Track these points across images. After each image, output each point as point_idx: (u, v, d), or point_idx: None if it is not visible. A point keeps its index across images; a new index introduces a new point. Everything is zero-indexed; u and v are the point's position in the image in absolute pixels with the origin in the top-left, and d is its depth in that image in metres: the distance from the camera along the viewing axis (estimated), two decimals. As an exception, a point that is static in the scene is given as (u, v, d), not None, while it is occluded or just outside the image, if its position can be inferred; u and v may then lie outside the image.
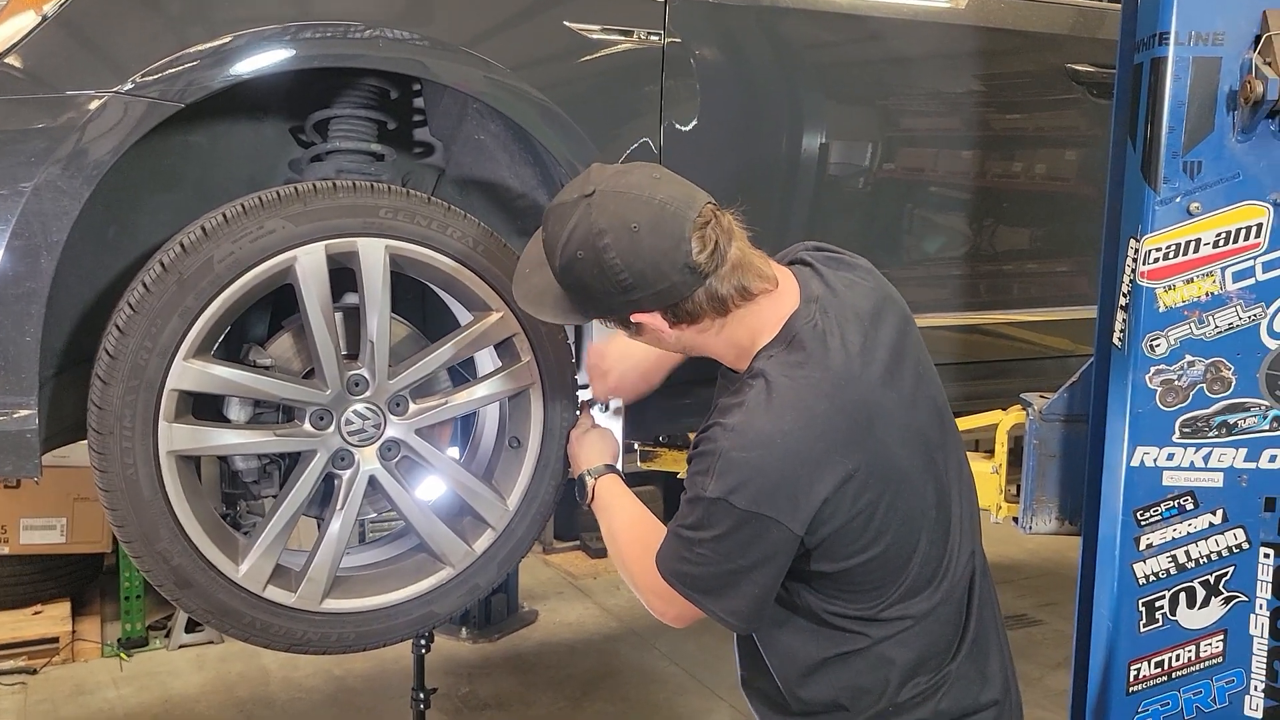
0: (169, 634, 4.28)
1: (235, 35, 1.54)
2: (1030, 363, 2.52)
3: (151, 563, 1.59)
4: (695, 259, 1.32)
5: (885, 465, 1.35)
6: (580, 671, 4.11)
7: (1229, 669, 1.66)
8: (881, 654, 1.45)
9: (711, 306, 1.36)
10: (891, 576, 1.41)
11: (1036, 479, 1.86)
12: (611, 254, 1.31)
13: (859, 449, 1.33)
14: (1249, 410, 1.61)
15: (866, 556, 1.38)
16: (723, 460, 1.32)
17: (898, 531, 1.38)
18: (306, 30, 1.58)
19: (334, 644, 1.73)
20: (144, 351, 1.54)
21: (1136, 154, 1.63)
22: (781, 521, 1.31)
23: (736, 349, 1.42)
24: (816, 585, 1.43)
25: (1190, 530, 1.63)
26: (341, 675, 4.01)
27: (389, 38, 1.65)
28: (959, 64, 2.25)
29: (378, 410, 1.72)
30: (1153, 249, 1.59)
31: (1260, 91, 1.49)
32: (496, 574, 1.84)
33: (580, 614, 4.66)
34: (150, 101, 1.50)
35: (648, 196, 1.33)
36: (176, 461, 1.58)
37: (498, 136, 1.96)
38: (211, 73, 1.53)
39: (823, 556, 1.38)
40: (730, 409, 1.36)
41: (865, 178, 2.18)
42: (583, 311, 1.43)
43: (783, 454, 1.30)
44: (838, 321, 1.38)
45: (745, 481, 1.31)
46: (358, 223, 1.65)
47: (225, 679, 4.01)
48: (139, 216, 1.82)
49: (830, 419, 1.32)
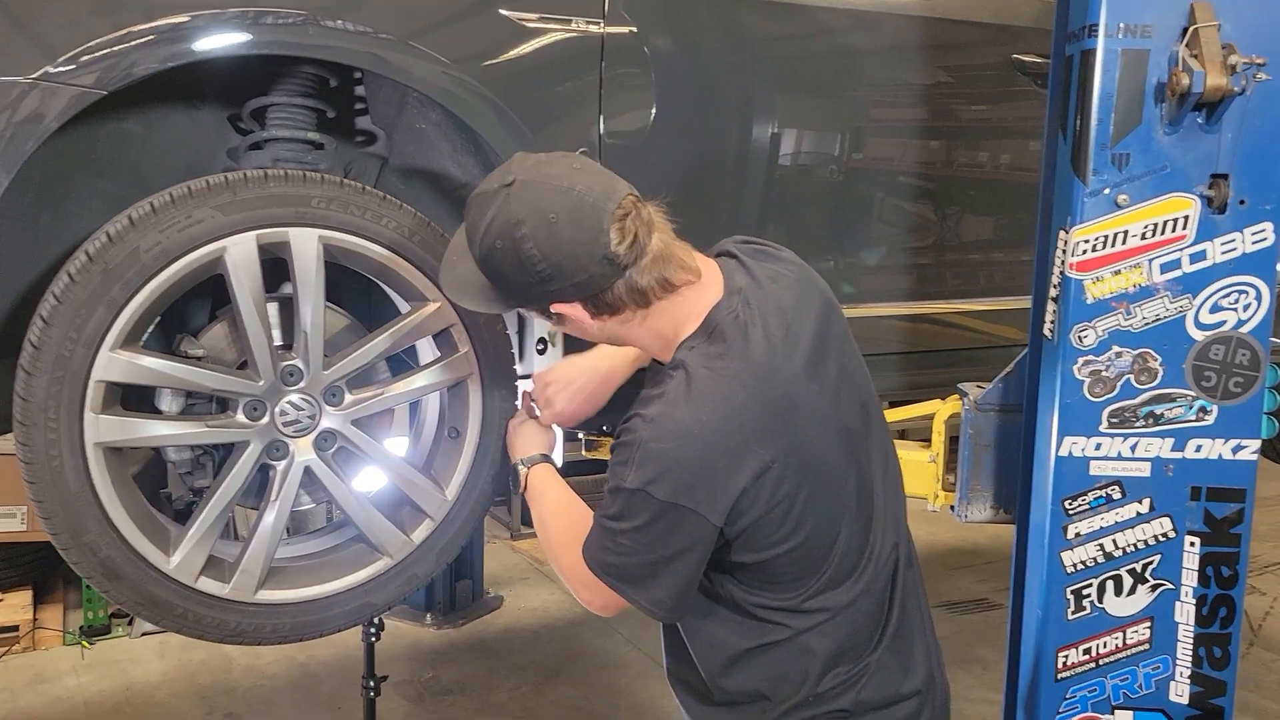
0: (132, 621, 4.26)
1: (163, 20, 1.52)
2: (977, 352, 2.53)
3: (79, 555, 1.58)
4: (614, 250, 1.32)
5: (805, 456, 1.36)
6: (543, 657, 4.12)
7: (1155, 655, 1.68)
8: (803, 644, 1.46)
9: (632, 298, 1.36)
10: (812, 568, 1.42)
11: (972, 468, 1.87)
12: (529, 245, 1.31)
13: (778, 440, 1.33)
14: (1175, 401, 1.62)
15: (787, 547, 1.39)
16: (641, 451, 1.32)
17: (817, 523, 1.39)
18: (241, 17, 1.57)
19: (268, 635, 1.73)
20: (69, 342, 1.52)
21: (1067, 146, 1.63)
22: (700, 512, 1.32)
23: (660, 340, 1.43)
24: (739, 576, 1.44)
25: (1118, 519, 1.65)
26: (305, 662, 4.02)
27: (323, 26, 1.64)
28: (910, 55, 2.25)
29: (313, 401, 1.71)
30: (1081, 240, 1.60)
31: (1187, 84, 1.50)
32: (435, 564, 1.84)
33: (545, 599, 4.68)
34: (70, 88, 1.49)
35: (566, 187, 1.32)
36: (104, 453, 1.57)
37: (439, 125, 1.94)
38: (135, 59, 1.51)
39: (743, 547, 1.39)
40: (650, 400, 1.36)
41: (809, 169, 2.17)
42: (504, 301, 1.43)
43: (701, 445, 1.30)
44: (760, 313, 1.39)
45: (664, 473, 1.31)
46: (289, 212, 1.64)
47: (187, 666, 4.00)
48: (72, 205, 1.80)
49: (749, 410, 1.32)
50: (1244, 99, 1.52)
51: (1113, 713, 1.69)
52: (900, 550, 1.51)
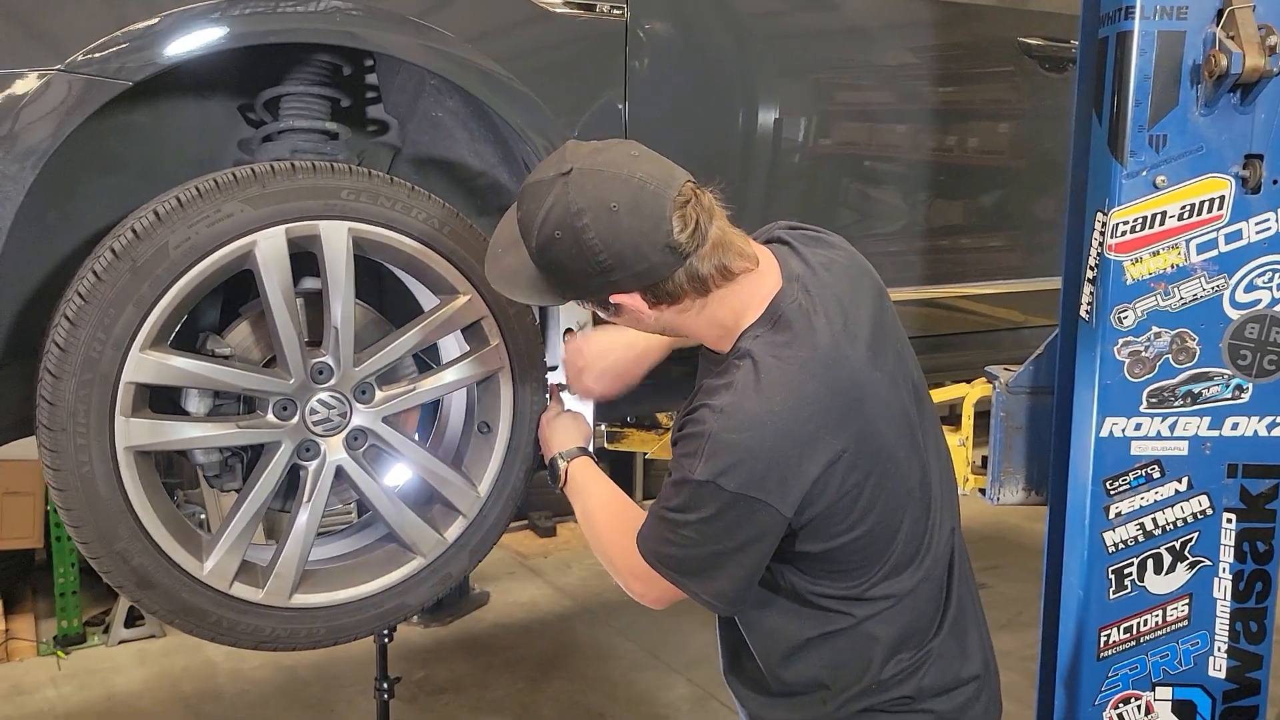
0: (108, 629, 4.16)
1: (189, 9, 1.46)
2: (973, 336, 2.55)
3: (110, 564, 1.53)
4: (676, 239, 1.29)
5: (873, 444, 1.35)
6: (536, 652, 4.09)
7: (1194, 632, 1.70)
8: (865, 632, 1.45)
9: (692, 286, 1.34)
10: (876, 555, 1.41)
11: (1003, 450, 1.88)
12: (590, 234, 1.28)
13: (847, 429, 1.32)
14: (1212, 380, 1.64)
15: (852, 536, 1.38)
16: (712, 442, 1.30)
17: (883, 510, 1.38)
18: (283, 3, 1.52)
19: (304, 640, 1.68)
20: (97, 343, 1.47)
21: (1102, 128, 1.64)
22: (771, 504, 1.30)
23: (719, 329, 1.40)
24: (801, 566, 1.43)
25: (1157, 498, 1.67)
26: (291, 665, 3.94)
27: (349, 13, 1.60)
28: (919, 37, 2.25)
29: (343, 399, 1.67)
30: (1120, 222, 1.61)
31: (1225, 65, 1.51)
32: (469, 562, 1.80)
33: (533, 594, 4.64)
34: (97, 79, 1.43)
35: (626, 174, 1.29)
36: (135, 457, 1.52)
37: (456, 114, 1.90)
38: (163, 48, 1.46)
39: (809, 537, 1.37)
40: (717, 390, 1.34)
41: (830, 151, 2.17)
42: (559, 292, 1.39)
43: (773, 435, 1.29)
44: (820, 300, 1.37)
45: (735, 464, 1.29)
46: (319, 205, 1.59)
47: (169, 673, 3.91)
48: (79, 201, 1.74)
49: (819, 399, 1.31)
50: (1279, 79, 1.54)
51: (1153, 689, 1.71)
52: (956, 535, 1.51)
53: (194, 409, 1.63)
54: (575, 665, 3.99)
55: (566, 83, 1.83)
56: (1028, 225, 2.48)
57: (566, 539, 5.32)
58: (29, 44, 1.42)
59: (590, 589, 4.69)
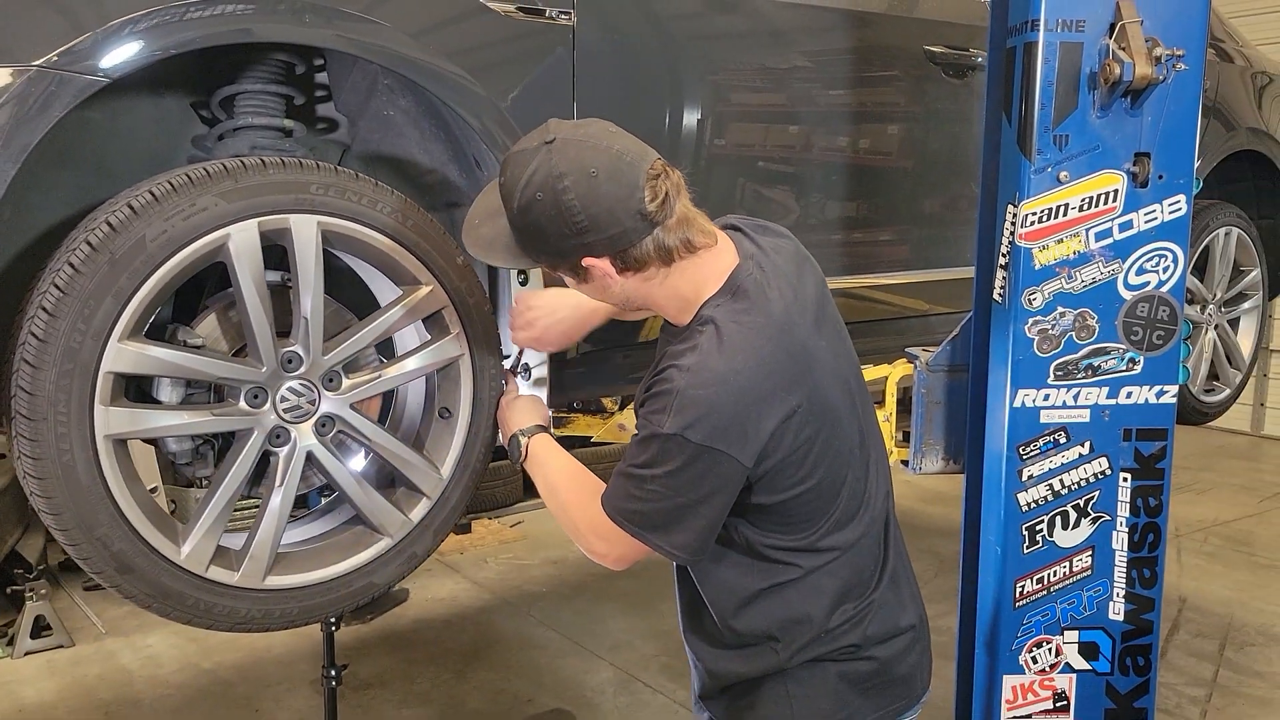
0: (12, 641, 4.04)
1: (170, 7, 1.51)
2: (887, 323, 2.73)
3: (90, 550, 1.56)
4: (648, 207, 1.40)
5: (821, 404, 1.48)
6: (459, 645, 4.14)
7: (1096, 580, 1.90)
8: (813, 584, 1.58)
9: (658, 255, 1.45)
10: (823, 509, 1.55)
11: (924, 424, 2.05)
12: (570, 196, 1.39)
13: (800, 387, 1.45)
14: (1110, 354, 1.83)
15: (803, 488, 1.51)
16: (679, 398, 1.41)
17: (830, 466, 1.52)
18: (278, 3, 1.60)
19: (278, 620, 1.74)
20: (77, 334, 1.50)
21: (1012, 128, 1.82)
22: (732, 455, 1.42)
23: (680, 301, 1.52)
24: (754, 519, 1.55)
25: (1064, 461, 1.85)
26: (211, 668, 3.91)
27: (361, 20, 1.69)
28: (836, 43, 2.42)
29: (312, 386, 1.73)
30: (1029, 213, 1.79)
31: (1118, 73, 1.70)
32: (433, 542, 1.88)
33: (451, 589, 4.68)
34: (77, 76, 1.46)
35: (605, 146, 1.41)
36: (113, 445, 1.55)
37: (408, 112, 1.98)
38: (144, 45, 1.50)
39: (764, 489, 1.50)
40: (683, 352, 1.46)
41: (760, 148, 2.31)
42: (534, 255, 1.49)
43: (735, 391, 1.41)
44: (773, 276, 1.51)
45: (701, 417, 1.40)
46: (289, 199, 1.65)
47: (83, 682, 3.83)
48: (34, 195, 1.75)
49: (776, 359, 1.44)
50: (1164, 86, 1.74)
51: (1062, 633, 1.90)
52: (889, 499, 1.66)
53: (166, 398, 1.67)
54: (499, 655, 4.05)
55: (520, 81, 1.92)
56: (935, 220, 2.68)
57: (481, 535, 5.37)
58: (9, 40, 1.44)
59: (508, 582, 4.76)
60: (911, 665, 1.66)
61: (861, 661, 1.61)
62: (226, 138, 1.85)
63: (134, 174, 1.77)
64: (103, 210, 1.57)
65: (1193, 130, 1.79)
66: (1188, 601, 4.32)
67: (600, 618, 4.28)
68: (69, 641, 4.08)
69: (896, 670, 1.62)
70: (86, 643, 4.13)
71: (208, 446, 1.75)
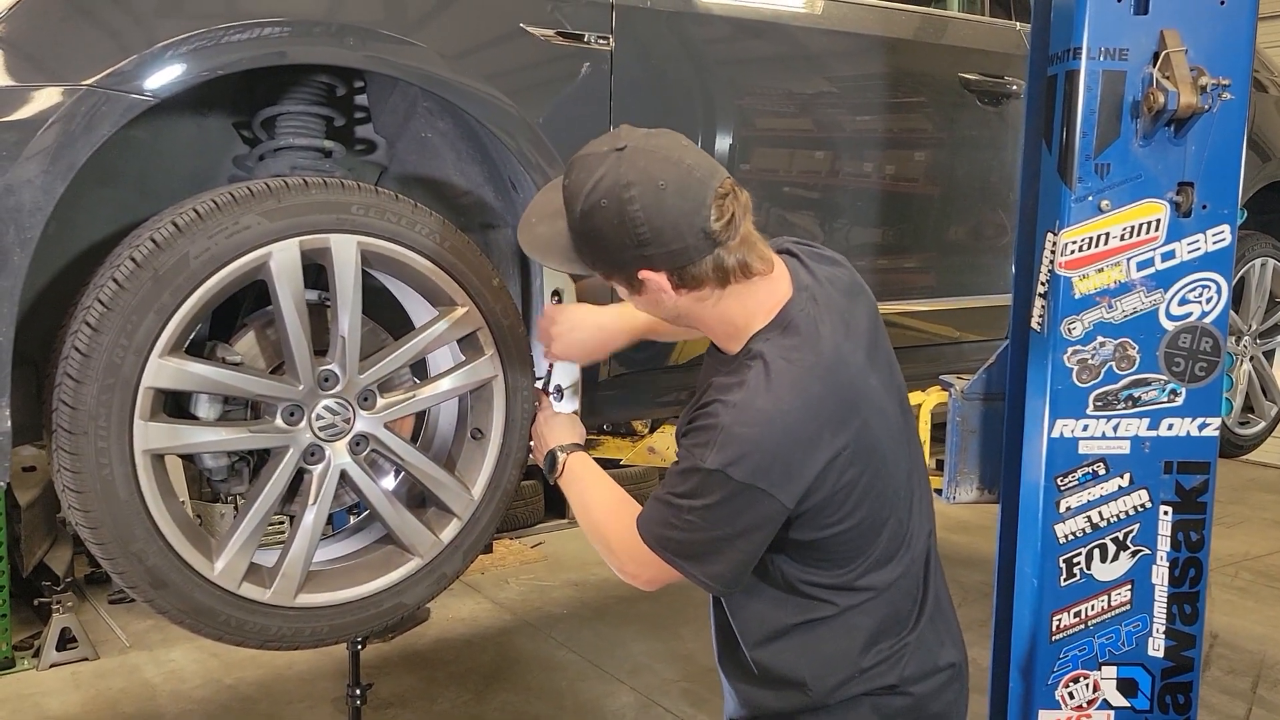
0: (38, 653, 4.07)
1: (214, 30, 1.53)
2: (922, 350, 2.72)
3: (126, 564, 1.56)
4: (712, 225, 1.39)
5: (868, 446, 1.47)
6: (479, 665, 4.13)
7: (1135, 615, 1.86)
8: (847, 622, 1.56)
9: (715, 275, 1.43)
10: (863, 547, 1.53)
11: (959, 453, 2.03)
12: (635, 206, 1.37)
13: (847, 429, 1.44)
14: (1150, 385, 1.81)
15: (843, 527, 1.49)
16: (724, 434, 1.40)
17: (872, 506, 1.50)
18: (320, 28, 1.62)
19: (308, 638, 1.73)
20: (120, 349, 1.51)
21: (1052, 156, 1.81)
22: (773, 494, 1.41)
23: (729, 327, 1.51)
24: (793, 554, 1.54)
25: (1103, 493, 1.83)
26: (233, 684, 3.91)
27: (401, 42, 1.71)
28: (872, 69, 2.42)
29: (347, 405, 1.73)
30: (1069, 242, 1.77)
31: (1162, 102, 1.69)
32: (462, 563, 1.88)
33: (472, 609, 4.67)
34: (125, 95, 1.48)
35: (676, 159, 1.39)
36: (151, 460, 1.56)
37: (445, 134, 1.99)
38: (189, 67, 1.52)
39: (803, 526, 1.48)
40: (730, 387, 1.45)
41: (793, 173, 2.31)
42: (590, 261, 1.47)
43: (781, 431, 1.40)
44: (826, 309, 1.49)
45: (744, 455, 1.39)
46: (330, 219, 1.66)
47: (106, 696, 3.84)
48: (78, 213, 1.77)
49: (824, 400, 1.42)
50: (1209, 115, 1.73)
51: (1099, 669, 1.87)
52: (931, 537, 1.64)
53: (204, 414, 1.68)
54: (519, 676, 4.03)
55: (557, 104, 1.93)
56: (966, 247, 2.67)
57: (502, 555, 5.36)
58: (62, 61, 1.46)
59: (529, 603, 4.75)
60: (947, 703, 1.63)
61: (898, 697, 1.59)
62: (267, 158, 1.87)
63: (176, 193, 1.79)
64: (147, 227, 1.59)
65: (1238, 160, 1.77)
66: (1219, 638, 4.25)
67: (621, 641, 4.25)
68: (94, 654, 4.10)
69: (931, 707, 1.60)
70: (111, 656, 4.14)
71: (243, 463, 1.75)
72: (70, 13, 1.49)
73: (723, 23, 2.18)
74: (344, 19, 1.67)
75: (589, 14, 1.93)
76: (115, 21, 1.51)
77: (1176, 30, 1.72)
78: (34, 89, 1.43)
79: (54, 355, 1.57)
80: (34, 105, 1.42)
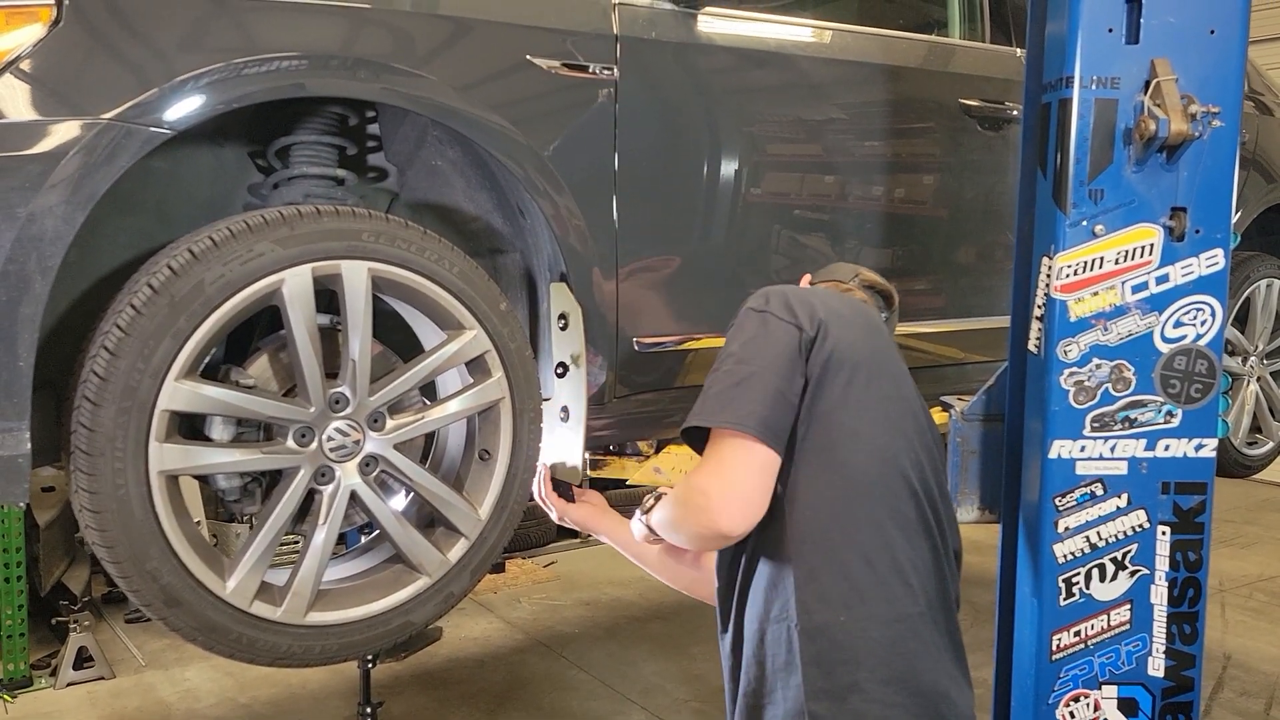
0: (55, 672, 4.10)
1: (232, 63, 1.58)
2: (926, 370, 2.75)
3: (140, 583, 1.61)
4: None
5: (878, 360, 1.61)
6: (491, 684, 4.15)
7: (1135, 634, 1.88)
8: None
9: None
10: (885, 477, 1.58)
11: (960, 473, 2.05)
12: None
13: (863, 334, 1.61)
14: (1147, 406, 1.83)
15: (852, 427, 1.56)
16: (759, 294, 1.63)
17: (875, 418, 1.58)
18: (341, 64, 1.70)
19: (317, 656, 1.77)
20: (136, 373, 1.56)
21: (1047, 182, 1.84)
22: (796, 324, 1.57)
23: None
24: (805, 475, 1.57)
25: (1100, 513, 1.85)
26: (247, 703, 3.94)
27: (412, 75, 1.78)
28: (872, 97, 2.46)
29: (358, 426, 1.77)
30: (1064, 265, 1.80)
31: (1154, 129, 1.72)
32: (470, 582, 1.91)
33: (484, 629, 4.70)
34: (144, 128, 1.53)
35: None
36: (166, 481, 1.61)
37: (455, 163, 2.04)
38: (206, 99, 1.57)
39: (817, 388, 1.55)
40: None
41: (796, 199, 2.35)
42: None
43: (809, 293, 1.63)
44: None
45: (774, 297, 1.61)
46: (342, 246, 1.71)
47: (122, 714, 3.88)
48: (98, 240, 1.83)
49: (853, 304, 1.68)
50: (1200, 142, 1.75)
51: (1100, 688, 1.88)
52: (956, 600, 1.68)
53: (218, 436, 1.72)
54: (531, 696, 4.05)
55: (563, 133, 1.98)
56: (969, 269, 2.70)
57: (514, 574, 5.38)
58: (85, 95, 1.52)
59: (541, 623, 4.77)
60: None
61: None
62: (281, 186, 1.92)
63: (192, 220, 1.84)
64: (164, 255, 1.64)
65: (1229, 186, 1.80)
66: (1232, 659, 4.23)
67: (632, 661, 4.27)
68: (110, 673, 4.14)
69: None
70: (127, 675, 4.18)
71: (255, 484, 1.79)
72: (92, 48, 1.55)
73: (726, 53, 2.22)
74: (358, 53, 1.72)
75: (594, 46, 1.98)
76: (136, 56, 1.56)
77: (1167, 59, 1.75)
78: (57, 122, 1.49)
79: (73, 379, 1.62)
80: (57, 138, 1.48)
